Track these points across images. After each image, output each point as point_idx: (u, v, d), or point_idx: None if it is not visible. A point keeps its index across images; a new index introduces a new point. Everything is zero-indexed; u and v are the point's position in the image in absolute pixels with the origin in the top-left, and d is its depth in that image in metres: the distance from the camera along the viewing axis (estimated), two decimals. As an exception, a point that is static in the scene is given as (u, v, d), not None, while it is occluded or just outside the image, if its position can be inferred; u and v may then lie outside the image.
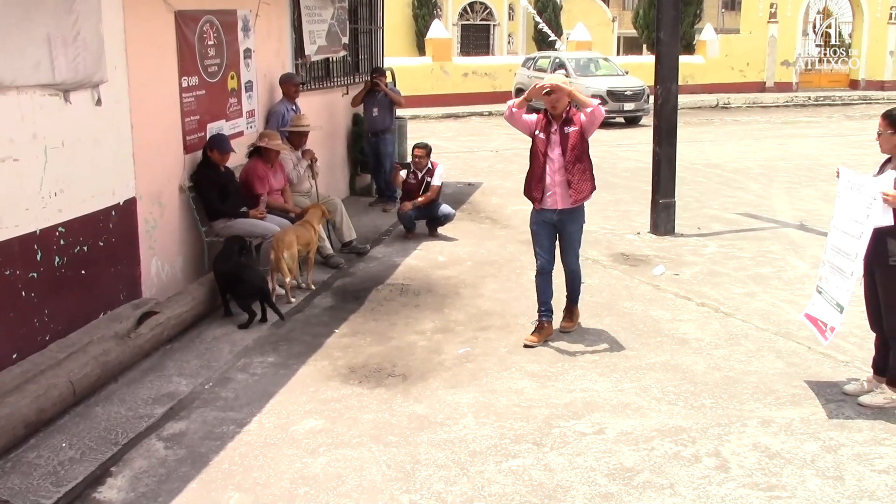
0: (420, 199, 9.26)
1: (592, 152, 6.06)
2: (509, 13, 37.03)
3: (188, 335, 6.19)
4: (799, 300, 6.96)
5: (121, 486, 4.15)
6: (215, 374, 5.53)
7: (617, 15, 43.72)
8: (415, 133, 14.35)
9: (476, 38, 36.94)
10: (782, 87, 29.58)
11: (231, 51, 7.84)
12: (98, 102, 5.78)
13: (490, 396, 5.18)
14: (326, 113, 10.48)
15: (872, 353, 5.19)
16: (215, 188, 7.07)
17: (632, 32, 38.28)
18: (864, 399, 4.99)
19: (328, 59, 10.63)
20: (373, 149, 10.96)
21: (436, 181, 9.33)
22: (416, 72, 24.74)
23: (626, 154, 15.69)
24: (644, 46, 34.20)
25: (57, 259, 5.42)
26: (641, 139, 16.28)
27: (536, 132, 5.97)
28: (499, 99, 22.85)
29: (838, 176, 5.10)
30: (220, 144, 7.16)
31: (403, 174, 9.55)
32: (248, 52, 8.22)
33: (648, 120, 13.26)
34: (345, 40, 10.94)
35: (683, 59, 12.15)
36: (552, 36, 31.75)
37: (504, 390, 5.28)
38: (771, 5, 29.58)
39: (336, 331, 6.37)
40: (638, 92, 21.10)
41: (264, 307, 6.48)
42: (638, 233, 9.43)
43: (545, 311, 6.14)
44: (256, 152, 7.75)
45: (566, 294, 6.30)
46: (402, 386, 5.35)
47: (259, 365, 5.71)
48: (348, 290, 7.40)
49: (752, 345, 6.02)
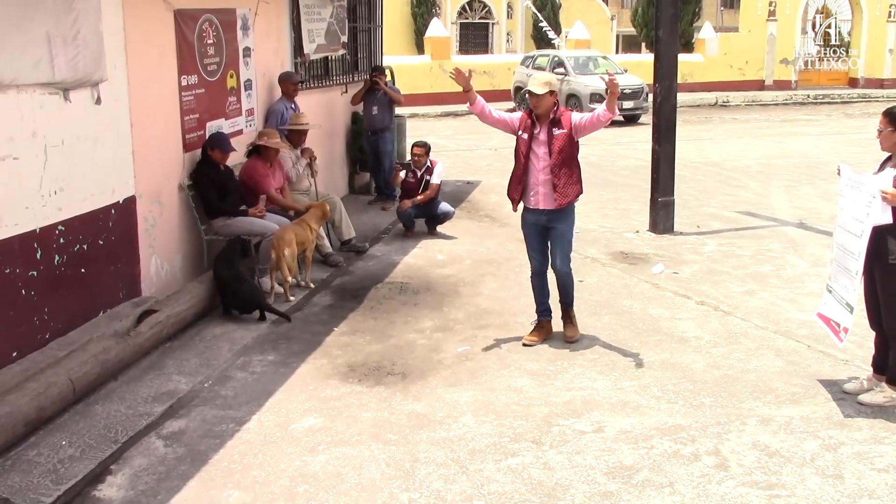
0: (419, 198, 9.26)
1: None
2: (508, 11, 37.02)
3: (188, 333, 6.19)
4: (798, 298, 6.97)
5: (120, 484, 4.16)
6: (215, 373, 5.53)
7: (616, 13, 43.71)
8: (414, 131, 14.34)
9: (475, 37, 36.93)
10: (781, 86, 29.58)
11: (230, 49, 7.85)
12: (98, 101, 5.79)
13: (489, 395, 5.18)
14: (325, 111, 10.48)
15: (872, 352, 5.18)
16: (214, 187, 7.08)
17: (631, 31, 38.30)
18: (864, 397, 4.99)
19: (327, 58, 10.64)
20: (372, 147, 10.96)
21: (435, 179, 9.33)
22: (415, 70, 24.73)
23: (625, 152, 15.64)
24: (643, 45, 34.17)
25: (57, 257, 5.42)
26: (640, 137, 16.25)
27: (520, 132, 5.81)
28: (498, 97, 22.82)
29: (839, 174, 5.09)
30: (221, 144, 7.16)
31: (403, 175, 9.55)
32: (248, 51, 8.23)
33: (647, 118, 13.23)
34: (344, 39, 10.94)
35: (682, 58, 12.17)
36: (553, 35, 31.71)
37: (503, 389, 5.27)
38: (770, 3, 29.59)
39: (335, 329, 6.37)
40: (637, 90, 21.10)
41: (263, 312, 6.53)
42: (637, 231, 9.41)
43: (543, 312, 6.12)
44: (255, 151, 7.75)
45: (559, 299, 6.11)
46: (402, 384, 5.35)
47: (258, 363, 5.71)
48: (347, 289, 7.40)
49: (752, 343, 6.01)
